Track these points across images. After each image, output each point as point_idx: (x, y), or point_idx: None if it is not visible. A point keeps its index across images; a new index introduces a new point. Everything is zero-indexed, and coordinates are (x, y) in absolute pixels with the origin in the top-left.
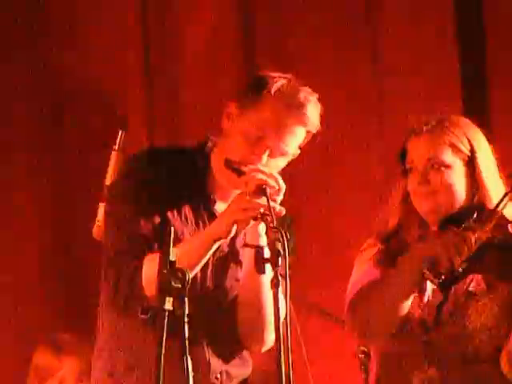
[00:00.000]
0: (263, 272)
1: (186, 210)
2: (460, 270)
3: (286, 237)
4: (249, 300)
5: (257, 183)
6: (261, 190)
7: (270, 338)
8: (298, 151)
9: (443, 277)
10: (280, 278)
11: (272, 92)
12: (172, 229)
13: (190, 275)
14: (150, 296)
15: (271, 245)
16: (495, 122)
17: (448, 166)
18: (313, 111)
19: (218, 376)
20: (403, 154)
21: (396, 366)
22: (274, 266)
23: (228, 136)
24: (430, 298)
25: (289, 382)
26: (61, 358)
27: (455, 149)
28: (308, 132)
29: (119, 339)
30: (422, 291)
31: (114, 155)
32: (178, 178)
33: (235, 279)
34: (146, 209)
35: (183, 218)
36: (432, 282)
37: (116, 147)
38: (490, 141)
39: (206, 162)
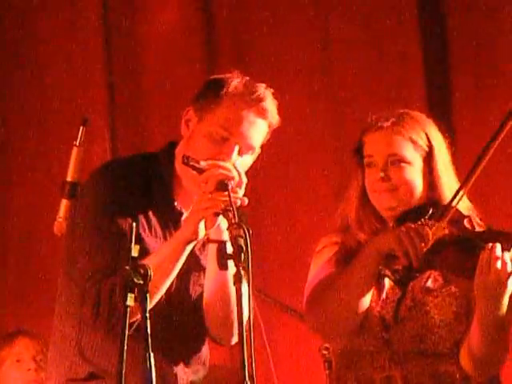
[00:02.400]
0: (226, 268)
1: (155, 223)
2: (416, 267)
3: (249, 232)
4: (216, 296)
5: (217, 179)
6: (222, 186)
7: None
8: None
9: (400, 273)
10: (243, 273)
11: (230, 91)
12: (134, 224)
13: (167, 282)
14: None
15: (233, 240)
16: (457, 115)
17: (408, 162)
18: (272, 104)
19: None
20: (360, 148)
21: (355, 364)
22: (237, 261)
23: (190, 141)
24: (389, 295)
25: (252, 377)
26: (14, 339)
27: (415, 145)
28: (269, 126)
29: (81, 349)
30: (380, 288)
31: (74, 151)
32: (145, 189)
33: (198, 285)
34: (117, 225)
35: (153, 232)
36: (389, 278)
37: (77, 143)
38: (448, 136)
39: (171, 168)
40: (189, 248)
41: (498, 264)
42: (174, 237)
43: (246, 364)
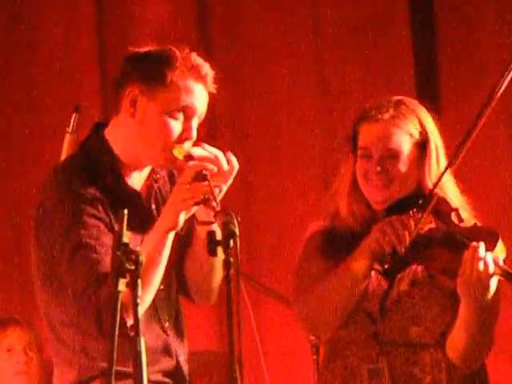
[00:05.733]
0: (215, 254)
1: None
2: (402, 253)
3: (237, 218)
4: (199, 271)
5: (195, 170)
6: (200, 176)
7: (217, 289)
8: None
9: (387, 265)
10: (231, 259)
11: (181, 66)
12: (126, 211)
13: (159, 272)
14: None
15: (223, 227)
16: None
17: (404, 156)
18: (212, 74)
19: (181, 358)
20: (354, 136)
21: (342, 353)
22: (226, 248)
23: (145, 122)
24: (375, 288)
25: (240, 362)
26: (6, 328)
27: (412, 137)
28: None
29: (89, 354)
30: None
31: (67, 138)
32: (96, 182)
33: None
34: (89, 230)
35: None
36: (377, 270)
37: (69, 130)
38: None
39: (110, 151)
40: (171, 236)
41: (481, 265)
42: (156, 228)
43: (234, 349)
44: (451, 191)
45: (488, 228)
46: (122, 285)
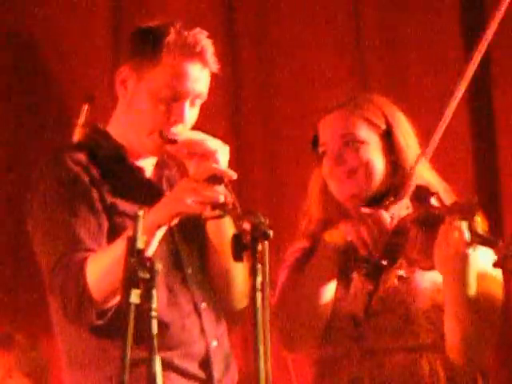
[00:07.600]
0: (241, 260)
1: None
2: (376, 256)
3: (265, 220)
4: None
5: (213, 172)
6: (217, 179)
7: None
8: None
9: (369, 265)
10: (259, 266)
11: (170, 44)
12: (141, 212)
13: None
14: (98, 299)
15: (255, 229)
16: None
17: (363, 142)
18: (211, 51)
19: (213, 344)
20: (315, 140)
21: (330, 371)
22: (254, 252)
23: (132, 104)
24: (358, 289)
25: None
26: None
27: (370, 123)
28: (211, 74)
29: (98, 354)
30: (346, 284)
31: (77, 132)
32: (92, 167)
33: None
34: (79, 209)
35: (125, 196)
36: (358, 272)
37: (80, 122)
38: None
39: (110, 140)
40: (160, 233)
41: (456, 234)
42: (148, 217)
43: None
44: (430, 179)
45: (467, 200)
46: (135, 296)
